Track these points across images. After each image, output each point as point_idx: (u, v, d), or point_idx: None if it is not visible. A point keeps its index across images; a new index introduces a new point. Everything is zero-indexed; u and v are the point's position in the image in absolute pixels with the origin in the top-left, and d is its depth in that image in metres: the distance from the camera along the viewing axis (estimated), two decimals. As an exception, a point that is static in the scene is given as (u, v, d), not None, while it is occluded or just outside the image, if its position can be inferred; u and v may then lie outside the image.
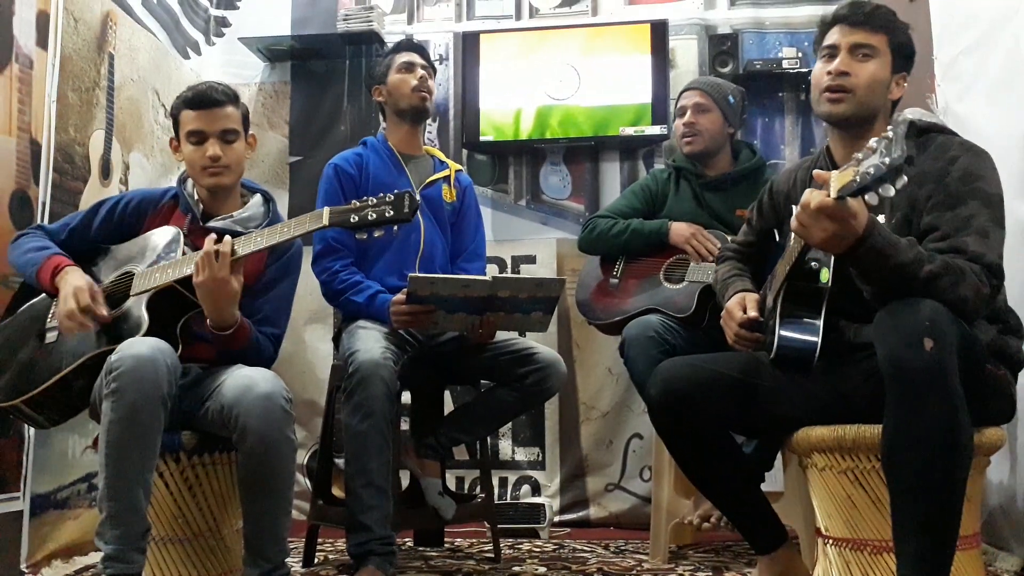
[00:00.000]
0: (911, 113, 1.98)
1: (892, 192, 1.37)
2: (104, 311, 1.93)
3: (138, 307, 1.94)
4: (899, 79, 1.85)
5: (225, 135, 2.08)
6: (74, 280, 1.96)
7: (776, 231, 2.02)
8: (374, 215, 1.86)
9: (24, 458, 2.36)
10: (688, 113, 2.74)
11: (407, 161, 2.64)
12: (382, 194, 1.89)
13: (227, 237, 1.95)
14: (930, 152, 1.75)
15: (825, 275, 1.74)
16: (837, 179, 1.48)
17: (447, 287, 2.24)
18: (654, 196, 2.84)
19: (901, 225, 1.72)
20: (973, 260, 1.60)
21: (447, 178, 2.69)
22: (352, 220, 1.87)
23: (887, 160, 1.35)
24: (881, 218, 1.72)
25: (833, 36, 1.84)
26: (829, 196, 1.48)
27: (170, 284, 1.94)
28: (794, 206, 1.85)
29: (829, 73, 1.80)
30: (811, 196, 1.53)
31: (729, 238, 2.19)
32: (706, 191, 2.76)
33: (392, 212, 1.86)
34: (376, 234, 1.89)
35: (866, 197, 1.41)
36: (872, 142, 1.40)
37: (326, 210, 1.91)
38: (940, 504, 1.46)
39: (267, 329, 2.07)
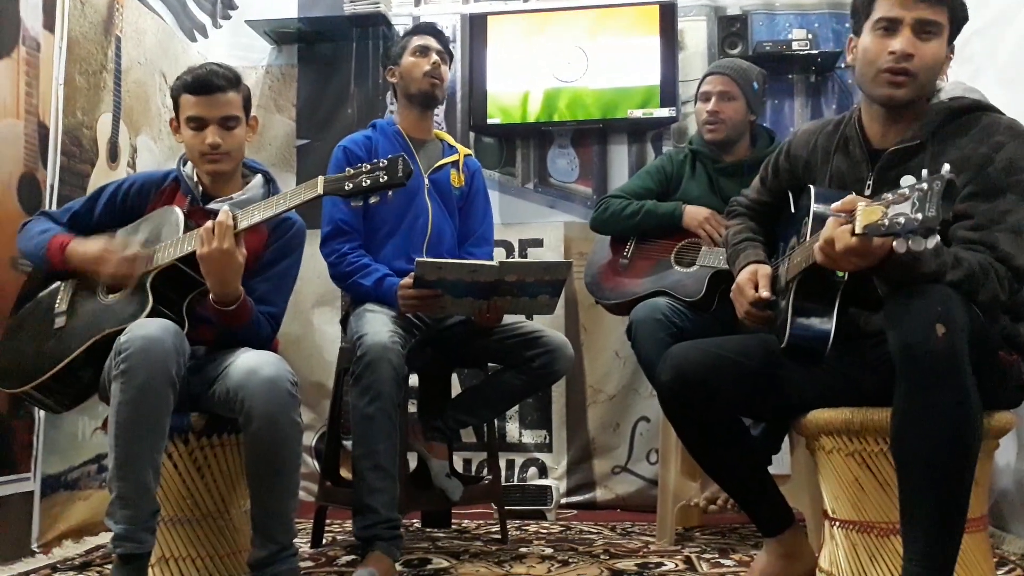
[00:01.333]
0: (954, 88, 1.88)
1: (922, 247, 1.29)
2: (135, 249, 1.96)
3: (142, 287, 1.94)
4: (949, 53, 1.74)
5: (225, 122, 2.05)
6: (89, 248, 1.99)
7: (791, 197, 1.97)
8: (368, 181, 1.85)
9: (35, 439, 2.38)
10: (713, 100, 2.68)
11: (416, 145, 2.63)
12: (376, 160, 1.88)
13: (225, 207, 1.95)
14: (973, 134, 1.68)
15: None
16: (863, 215, 1.39)
17: (454, 272, 2.24)
18: (669, 177, 2.80)
19: None
20: (1002, 260, 1.57)
21: (456, 163, 2.69)
22: (347, 187, 1.87)
23: (920, 217, 1.27)
24: None
25: (892, 7, 1.66)
26: (854, 232, 1.42)
27: (172, 263, 1.94)
28: (811, 186, 1.80)
29: (892, 53, 1.65)
30: (836, 235, 1.46)
31: (742, 191, 2.14)
32: (721, 176, 2.73)
33: (386, 177, 1.84)
34: (372, 200, 1.88)
35: (894, 243, 1.33)
36: (905, 186, 1.32)
37: (320, 179, 1.91)
38: (949, 488, 1.45)
39: (264, 308, 2.06)
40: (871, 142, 1.79)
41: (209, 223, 1.90)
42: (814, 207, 1.74)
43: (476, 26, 3.46)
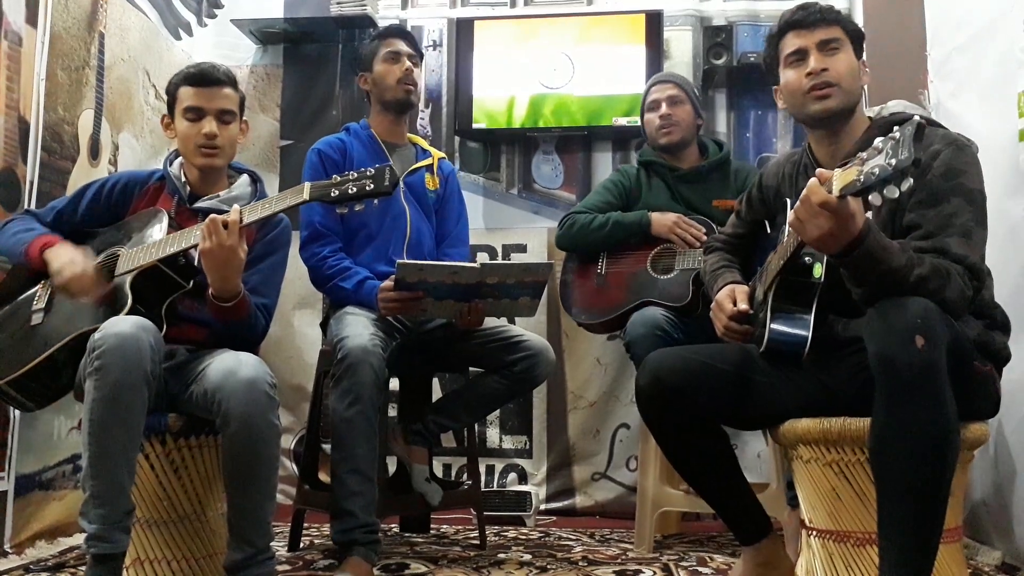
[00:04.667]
0: (895, 105, 1.97)
1: (896, 194, 1.34)
2: (99, 283, 1.94)
3: (122, 287, 1.93)
4: (862, 64, 1.87)
5: (222, 115, 2.08)
6: (66, 253, 1.97)
7: (767, 224, 2.03)
8: (355, 189, 1.86)
9: (9, 438, 2.35)
10: (663, 105, 2.75)
11: (390, 150, 2.63)
12: (363, 168, 1.89)
13: (236, 206, 1.95)
14: None
15: (818, 270, 1.73)
16: (840, 177, 1.45)
17: (435, 273, 2.24)
18: (627, 191, 2.82)
19: (886, 221, 1.72)
20: (957, 262, 1.61)
21: (429, 166, 2.69)
22: (332, 194, 1.88)
23: (893, 162, 1.33)
24: (868, 214, 1.72)
25: (794, 42, 1.85)
26: (831, 193, 1.47)
27: (154, 264, 1.93)
28: (788, 199, 1.85)
29: (809, 74, 1.81)
30: (812, 190, 1.51)
31: (717, 228, 2.19)
32: (681, 184, 2.76)
33: (372, 185, 1.85)
34: (357, 207, 1.88)
35: (869, 198, 1.38)
36: (878, 142, 1.38)
37: (307, 184, 1.92)
38: (926, 499, 1.46)
39: (257, 300, 2.06)
40: (821, 164, 1.85)
41: (216, 216, 1.90)
42: (791, 217, 1.76)
43: (463, 30, 3.47)
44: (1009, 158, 2.26)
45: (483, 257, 3.39)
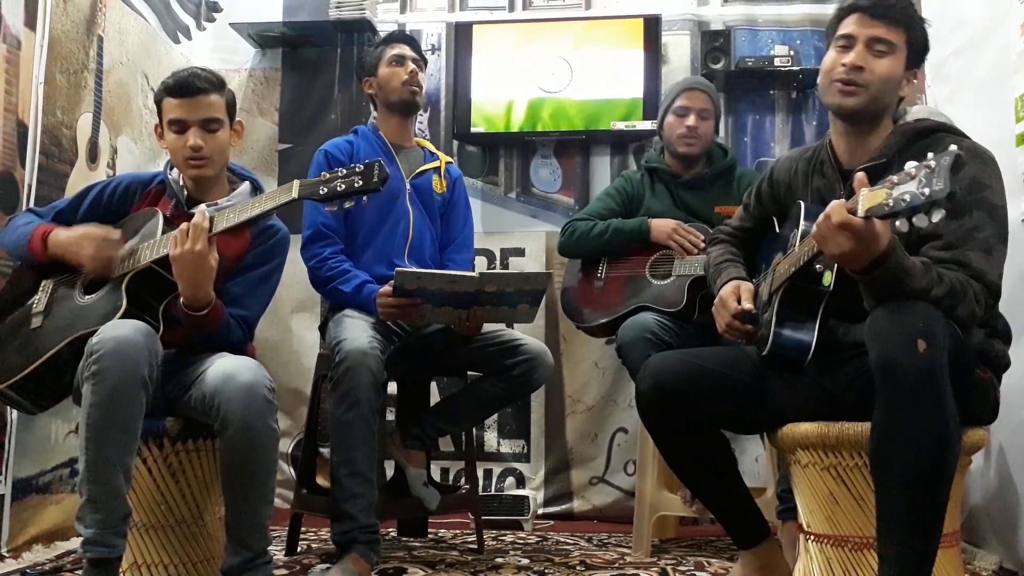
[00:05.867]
0: (920, 111, 1.93)
1: (925, 223, 1.31)
2: (116, 235, 1.96)
3: (117, 288, 1.93)
4: (909, 76, 1.80)
5: (207, 124, 2.04)
6: (72, 232, 1.98)
7: (775, 220, 2.00)
8: (343, 186, 1.84)
9: (6, 442, 2.34)
10: (693, 116, 2.72)
11: (398, 151, 2.63)
12: (352, 165, 1.87)
13: (202, 207, 1.93)
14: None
15: (828, 279, 1.71)
16: (867, 197, 1.42)
17: (434, 282, 2.23)
18: (631, 198, 2.83)
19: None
20: (976, 278, 1.60)
21: (437, 169, 2.69)
22: (321, 191, 1.85)
23: (927, 191, 1.29)
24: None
25: (850, 25, 1.77)
26: (856, 212, 1.45)
27: (148, 265, 1.93)
28: (801, 202, 1.84)
29: (843, 65, 1.75)
30: (836, 209, 1.49)
31: (724, 221, 2.17)
32: (683, 190, 2.77)
33: (361, 182, 1.82)
34: (347, 204, 1.86)
35: (897, 223, 1.36)
36: (911, 167, 1.34)
37: (296, 183, 1.89)
38: (926, 504, 1.46)
39: (237, 311, 2.03)
40: (841, 162, 1.84)
41: (184, 224, 1.88)
42: (803, 223, 1.76)
43: (461, 35, 3.47)
44: (1007, 162, 2.25)
45: (481, 262, 3.39)
